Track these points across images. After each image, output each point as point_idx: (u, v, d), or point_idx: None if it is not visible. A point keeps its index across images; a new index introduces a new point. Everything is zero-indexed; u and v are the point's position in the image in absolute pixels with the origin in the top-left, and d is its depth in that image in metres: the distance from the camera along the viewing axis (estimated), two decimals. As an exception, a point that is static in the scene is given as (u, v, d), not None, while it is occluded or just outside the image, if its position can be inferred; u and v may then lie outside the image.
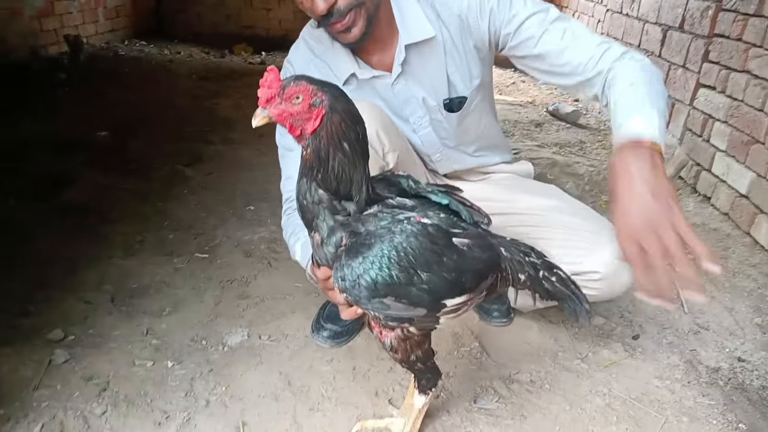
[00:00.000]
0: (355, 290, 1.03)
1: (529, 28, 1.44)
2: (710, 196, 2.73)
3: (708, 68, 2.83)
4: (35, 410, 1.40)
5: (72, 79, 4.49)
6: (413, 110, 1.58)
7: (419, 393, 1.30)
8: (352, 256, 1.03)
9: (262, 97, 0.98)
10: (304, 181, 1.05)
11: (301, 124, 1.00)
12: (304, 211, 1.07)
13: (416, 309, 1.08)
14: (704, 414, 1.56)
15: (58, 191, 2.60)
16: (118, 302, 1.87)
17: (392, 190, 1.13)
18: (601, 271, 1.44)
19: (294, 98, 0.98)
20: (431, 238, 1.05)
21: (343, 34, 1.37)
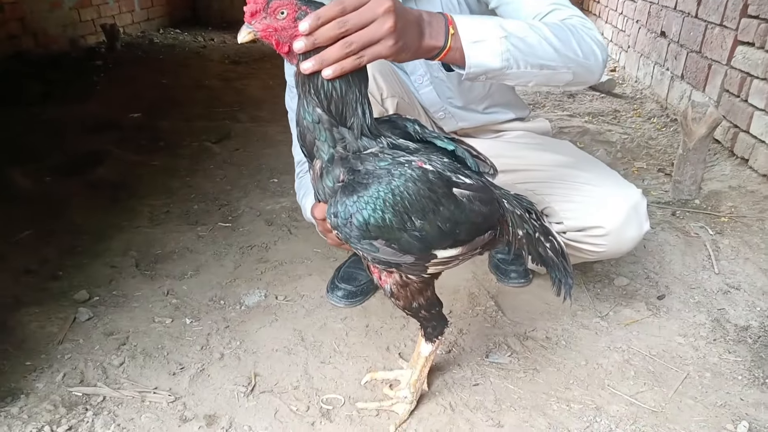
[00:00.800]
0: (345, 228, 1.02)
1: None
2: (748, 158, 2.60)
3: (746, 23, 2.69)
4: (59, 361, 1.47)
5: (108, 66, 4.63)
6: (414, 67, 1.55)
7: (426, 341, 1.29)
8: (347, 193, 1.01)
9: (247, 11, 0.96)
10: (300, 100, 1.02)
11: (288, 40, 0.97)
12: (304, 134, 1.04)
13: (404, 256, 1.06)
14: (729, 370, 1.50)
15: (91, 168, 2.70)
16: (142, 267, 1.93)
17: (396, 133, 1.10)
18: (606, 226, 1.39)
19: (278, 12, 0.95)
20: (430, 185, 1.02)
21: None
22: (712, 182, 2.57)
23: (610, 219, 1.38)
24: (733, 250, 2.07)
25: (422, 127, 1.12)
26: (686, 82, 3.31)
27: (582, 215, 1.41)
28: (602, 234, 1.40)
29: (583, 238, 1.43)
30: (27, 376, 1.41)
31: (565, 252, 1.21)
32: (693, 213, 2.34)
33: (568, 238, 1.45)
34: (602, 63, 1.18)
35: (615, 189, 1.42)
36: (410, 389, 1.32)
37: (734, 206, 2.36)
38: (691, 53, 3.26)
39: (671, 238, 2.14)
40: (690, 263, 1.99)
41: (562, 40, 1.11)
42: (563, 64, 1.12)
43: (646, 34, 4.01)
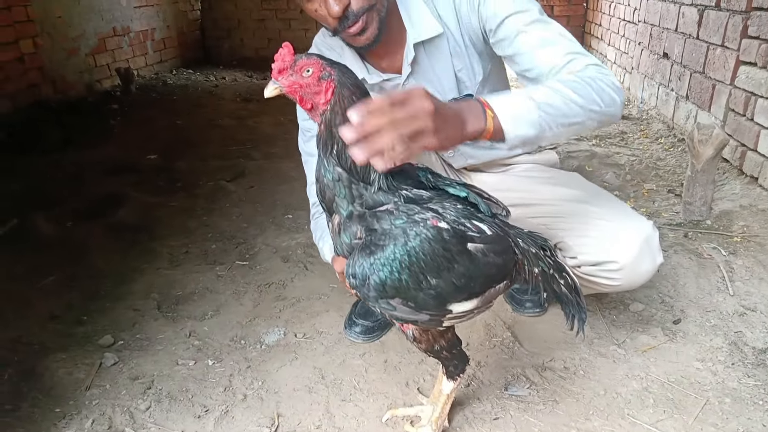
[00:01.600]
0: (363, 289, 1.05)
1: (507, 27, 1.40)
2: (757, 177, 2.62)
3: (747, 44, 2.72)
4: (87, 408, 1.51)
5: (124, 108, 4.76)
6: None
7: (447, 379, 1.31)
8: (364, 254, 1.04)
9: (275, 68, 1.02)
10: (321, 159, 1.07)
11: (312, 98, 1.03)
12: (324, 190, 1.08)
13: (420, 314, 1.09)
14: (749, 395, 1.50)
15: (111, 211, 2.77)
16: (164, 309, 1.98)
17: (409, 183, 1.13)
18: (620, 261, 1.41)
19: (304, 70, 1.01)
20: (444, 244, 1.04)
21: (356, 37, 1.38)
22: (722, 202, 2.59)
23: (624, 254, 1.40)
24: (747, 270, 2.08)
25: (434, 175, 1.16)
26: (692, 102, 3.34)
27: (595, 250, 1.43)
28: (616, 269, 1.42)
29: (598, 272, 1.45)
30: (57, 423, 1.45)
31: (579, 287, 1.24)
32: (705, 234, 2.35)
33: (583, 272, 1.47)
34: (621, 105, 1.26)
35: (627, 223, 1.44)
36: (432, 426, 1.34)
37: (746, 225, 2.37)
38: (695, 74, 3.30)
39: (684, 260, 2.15)
40: (704, 286, 2.00)
41: (584, 96, 1.18)
42: (588, 117, 1.20)
43: (649, 55, 4.06)
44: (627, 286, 1.50)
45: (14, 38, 4.17)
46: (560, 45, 1.32)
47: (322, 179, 1.08)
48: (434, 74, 1.54)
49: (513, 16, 1.38)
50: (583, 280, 1.52)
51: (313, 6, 1.33)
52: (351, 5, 1.31)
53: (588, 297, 1.81)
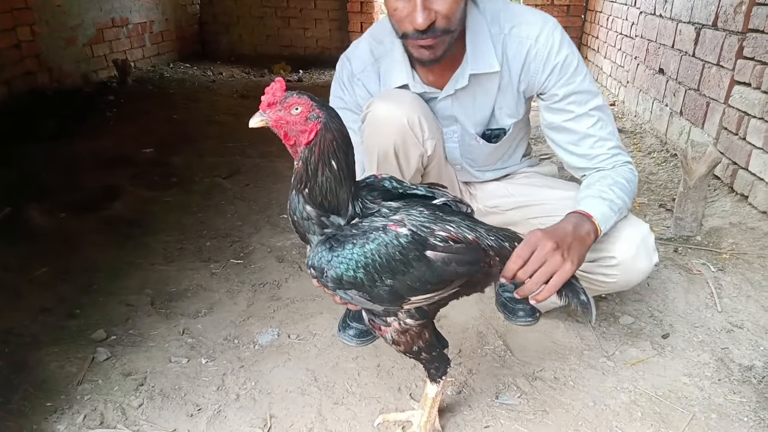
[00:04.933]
0: (322, 279, 1.12)
1: (571, 102, 1.49)
2: (747, 195, 2.66)
3: (742, 65, 2.77)
4: (78, 402, 1.50)
5: (120, 100, 4.74)
6: (448, 125, 1.61)
7: (430, 382, 1.33)
8: (324, 248, 1.11)
9: (264, 101, 1.06)
10: (293, 195, 1.12)
11: (296, 135, 1.06)
12: (296, 226, 1.14)
13: (375, 305, 1.16)
14: (735, 411, 1.53)
15: (106, 204, 2.76)
16: (157, 305, 1.98)
17: (376, 195, 1.19)
18: (618, 256, 1.45)
19: (293, 108, 1.05)
20: (401, 250, 1.09)
21: (422, 50, 1.38)
22: (713, 218, 2.62)
23: (622, 249, 1.44)
24: (735, 287, 2.11)
25: (399, 182, 1.23)
26: (685, 119, 3.39)
27: (595, 245, 1.45)
28: (614, 264, 1.45)
29: (595, 268, 1.47)
30: (48, 417, 1.45)
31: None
32: (695, 250, 2.38)
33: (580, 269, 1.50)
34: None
35: (625, 222, 1.48)
36: (422, 431, 1.36)
37: (735, 243, 2.41)
38: (690, 90, 3.34)
39: (674, 275, 2.18)
40: (693, 301, 2.03)
41: (630, 194, 1.47)
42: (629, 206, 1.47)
43: (644, 70, 4.11)
44: (622, 284, 1.54)
45: (12, 25, 4.14)
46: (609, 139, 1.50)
47: (293, 216, 1.13)
48: (473, 104, 1.56)
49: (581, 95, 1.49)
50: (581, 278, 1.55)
51: (396, 4, 1.33)
52: (436, 22, 1.32)
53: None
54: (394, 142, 1.44)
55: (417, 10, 1.28)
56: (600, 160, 1.50)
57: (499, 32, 1.48)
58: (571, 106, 1.49)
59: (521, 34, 1.47)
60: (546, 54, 1.47)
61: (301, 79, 5.98)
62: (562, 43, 1.47)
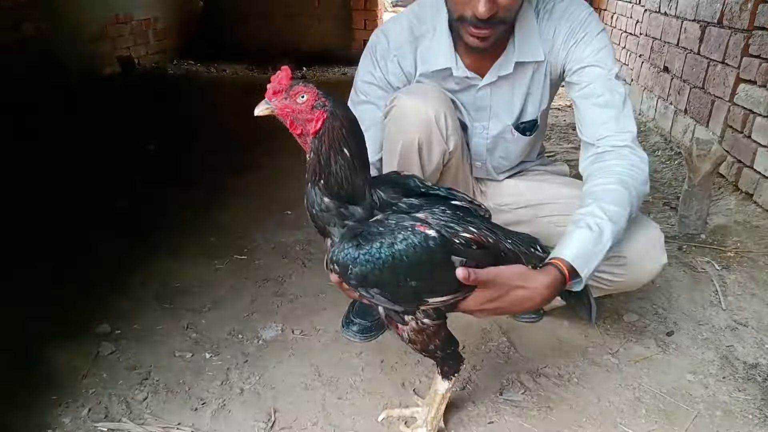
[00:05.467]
0: (345, 276, 1.10)
1: (583, 77, 1.46)
2: (752, 193, 2.65)
3: (748, 62, 2.76)
4: (83, 396, 1.51)
5: (124, 97, 4.74)
6: (480, 118, 1.59)
7: (442, 378, 1.33)
8: (351, 245, 1.07)
9: (269, 89, 1.05)
10: (310, 188, 1.10)
11: (302, 124, 1.05)
12: (315, 220, 1.13)
13: (396, 305, 1.15)
14: (739, 409, 1.53)
15: (110, 200, 2.76)
16: (161, 300, 1.98)
17: (398, 191, 1.17)
18: (627, 255, 1.44)
19: (299, 96, 1.04)
20: (429, 252, 1.07)
21: (473, 38, 1.36)
22: (717, 217, 2.62)
23: (632, 249, 1.43)
24: (739, 285, 2.11)
25: (421, 182, 1.21)
26: (690, 117, 3.38)
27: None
28: (623, 263, 1.44)
29: (603, 266, 1.46)
30: (53, 410, 1.45)
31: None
32: (699, 248, 2.38)
33: None
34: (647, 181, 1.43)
35: (636, 221, 1.45)
36: (427, 427, 1.36)
37: (740, 241, 2.40)
38: (695, 89, 3.33)
39: (679, 273, 2.18)
40: (697, 299, 2.03)
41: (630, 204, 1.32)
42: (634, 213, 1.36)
43: (649, 68, 4.09)
44: (630, 284, 1.53)
45: (16, 21, 4.14)
46: (613, 116, 1.42)
47: (311, 209, 1.11)
48: (511, 93, 1.55)
49: (591, 68, 1.45)
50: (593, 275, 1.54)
51: None
52: (497, 13, 1.31)
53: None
54: (419, 136, 1.43)
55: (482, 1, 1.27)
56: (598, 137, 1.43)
57: (541, 17, 1.47)
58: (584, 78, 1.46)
59: (553, 16, 1.46)
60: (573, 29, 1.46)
61: (305, 77, 5.97)
62: (588, 18, 1.46)
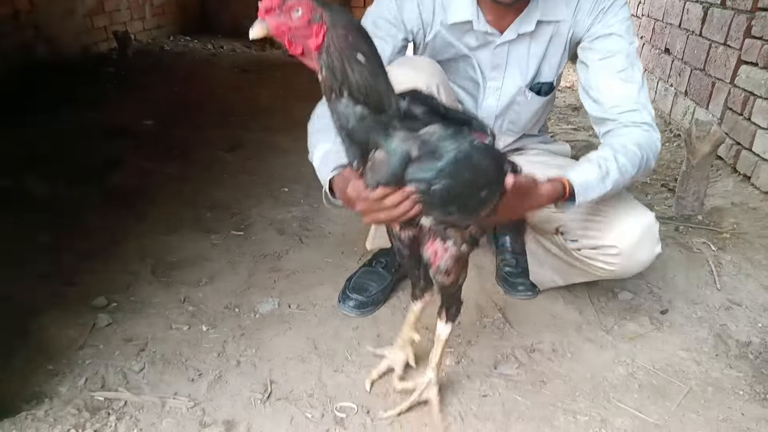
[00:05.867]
0: (428, 195, 1.04)
1: (606, 45, 1.45)
2: (750, 175, 2.66)
3: (750, 44, 2.74)
4: (80, 366, 1.51)
5: (120, 73, 4.69)
6: (495, 77, 1.56)
7: (446, 322, 1.35)
8: (433, 161, 1.02)
9: (262, 8, 0.97)
10: (335, 104, 1.01)
11: (302, 41, 0.98)
12: (353, 135, 1.03)
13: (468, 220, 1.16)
14: (731, 385, 1.55)
15: (106, 175, 2.74)
16: (158, 273, 1.98)
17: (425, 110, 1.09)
18: (619, 245, 1.44)
19: (293, 11, 0.96)
20: (495, 157, 1.10)
21: None
22: (714, 198, 2.62)
23: (624, 239, 1.43)
24: (735, 266, 2.12)
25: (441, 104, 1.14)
26: (690, 99, 3.37)
27: (597, 234, 1.45)
28: (615, 253, 1.45)
29: (597, 255, 1.48)
30: (50, 380, 1.46)
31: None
32: (696, 229, 2.38)
33: (582, 255, 1.50)
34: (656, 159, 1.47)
35: (630, 211, 1.47)
36: (434, 371, 1.39)
37: (736, 223, 2.41)
38: (695, 71, 3.32)
39: (675, 253, 2.19)
40: (693, 279, 2.04)
41: (638, 169, 1.37)
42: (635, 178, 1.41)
43: (650, 50, 4.07)
44: (622, 273, 1.53)
45: (10, -6, 4.09)
46: (637, 90, 1.43)
47: (346, 125, 1.02)
48: (527, 53, 1.53)
49: (617, 38, 1.44)
50: (581, 262, 1.55)
51: None
52: None
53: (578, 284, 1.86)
54: None
55: None
56: (617, 111, 1.43)
57: None
58: (604, 47, 1.45)
59: None
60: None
61: (303, 55, 5.92)
62: None
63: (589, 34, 1.48)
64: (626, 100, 1.42)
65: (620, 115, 1.42)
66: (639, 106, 1.43)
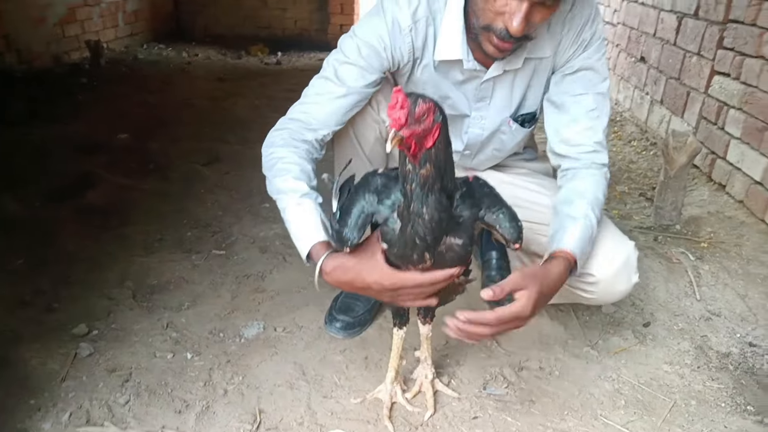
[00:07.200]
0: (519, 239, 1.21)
1: (582, 78, 1.47)
2: (725, 184, 2.71)
3: (722, 55, 2.80)
4: (63, 400, 1.48)
5: (93, 83, 4.61)
6: (480, 107, 1.56)
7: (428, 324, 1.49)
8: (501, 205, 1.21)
9: (396, 119, 0.97)
10: (426, 198, 1.05)
11: (422, 141, 1.00)
12: (435, 229, 1.10)
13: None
14: (713, 397, 1.58)
15: (81, 192, 2.69)
16: (139, 298, 1.94)
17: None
18: (597, 275, 1.44)
19: (422, 117, 0.98)
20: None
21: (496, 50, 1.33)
22: (691, 207, 2.67)
23: (603, 269, 1.44)
24: (713, 276, 2.16)
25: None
26: (665, 108, 3.43)
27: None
28: (593, 281, 1.45)
29: (576, 282, 1.48)
30: (32, 415, 1.42)
31: None
32: (674, 238, 2.43)
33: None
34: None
35: (609, 240, 1.47)
36: (431, 367, 1.52)
37: (713, 232, 2.46)
38: (670, 80, 3.38)
39: (655, 264, 2.22)
40: (673, 290, 2.07)
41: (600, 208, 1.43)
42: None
43: (626, 58, 4.13)
44: (601, 301, 1.58)
45: (-24, 4, 3.99)
46: (600, 132, 1.48)
47: (430, 222, 1.08)
48: (512, 86, 1.53)
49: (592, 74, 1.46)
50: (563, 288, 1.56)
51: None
52: (528, 30, 1.27)
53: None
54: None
55: (519, 18, 1.21)
56: (581, 150, 1.47)
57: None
58: (578, 83, 1.47)
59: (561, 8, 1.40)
60: (580, 26, 1.44)
61: (280, 62, 5.88)
62: (595, 18, 1.46)
63: (566, 66, 1.48)
64: (590, 140, 1.46)
65: (582, 154, 1.46)
66: (600, 147, 1.47)
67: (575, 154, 1.48)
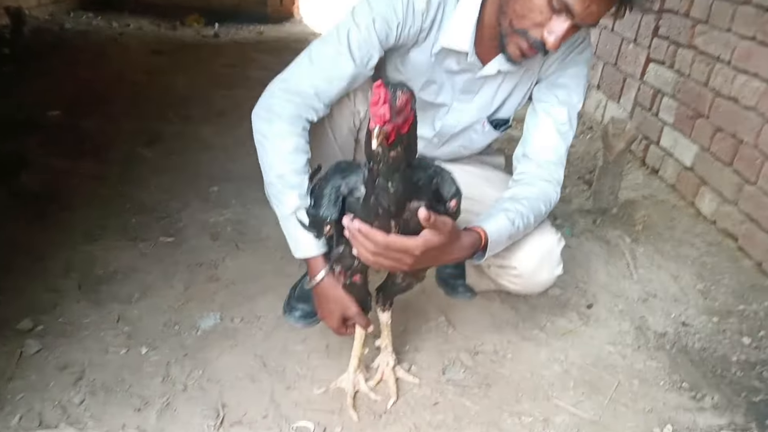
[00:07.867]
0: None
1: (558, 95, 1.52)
2: (658, 169, 2.87)
3: (658, 43, 2.94)
4: (11, 402, 1.41)
5: (16, 55, 4.29)
6: (463, 101, 1.57)
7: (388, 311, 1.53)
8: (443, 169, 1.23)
9: (381, 115, 0.97)
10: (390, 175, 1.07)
11: (400, 129, 1.01)
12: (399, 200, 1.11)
13: None
14: (652, 376, 1.70)
15: (13, 175, 2.53)
16: (85, 289, 1.87)
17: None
18: (519, 268, 1.51)
19: (402, 108, 1.00)
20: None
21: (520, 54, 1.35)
22: (627, 191, 2.81)
23: (524, 262, 1.51)
24: (648, 258, 2.30)
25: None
26: (602, 93, 3.57)
27: (502, 253, 1.47)
28: (516, 274, 1.53)
29: (502, 273, 1.56)
30: (-22, 420, 1.35)
31: None
32: (612, 222, 2.56)
33: (491, 272, 1.60)
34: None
35: (534, 234, 1.52)
36: (392, 354, 1.57)
37: (647, 215, 2.61)
38: (608, 65, 3.51)
39: (595, 247, 2.34)
40: (612, 272, 2.20)
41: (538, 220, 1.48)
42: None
43: (565, 41, 4.25)
44: (525, 292, 1.66)
45: None
46: (564, 148, 1.55)
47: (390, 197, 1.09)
48: (498, 89, 1.55)
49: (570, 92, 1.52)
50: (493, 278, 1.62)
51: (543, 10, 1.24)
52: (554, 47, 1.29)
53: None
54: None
55: (558, 36, 1.25)
56: (543, 159, 1.53)
57: None
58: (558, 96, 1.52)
59: None
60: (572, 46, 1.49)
61: (218, 35, 5.66)
62: (585, 42, 1.52)
63: (549, 79, 1.53)
64: (554, 153, 1.53)
65: (544, 162, 1.53)
66: (560, 163, 1.55)
67: (537, 160, 1.53)
